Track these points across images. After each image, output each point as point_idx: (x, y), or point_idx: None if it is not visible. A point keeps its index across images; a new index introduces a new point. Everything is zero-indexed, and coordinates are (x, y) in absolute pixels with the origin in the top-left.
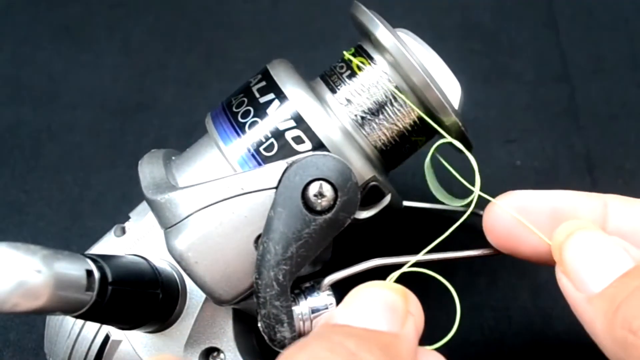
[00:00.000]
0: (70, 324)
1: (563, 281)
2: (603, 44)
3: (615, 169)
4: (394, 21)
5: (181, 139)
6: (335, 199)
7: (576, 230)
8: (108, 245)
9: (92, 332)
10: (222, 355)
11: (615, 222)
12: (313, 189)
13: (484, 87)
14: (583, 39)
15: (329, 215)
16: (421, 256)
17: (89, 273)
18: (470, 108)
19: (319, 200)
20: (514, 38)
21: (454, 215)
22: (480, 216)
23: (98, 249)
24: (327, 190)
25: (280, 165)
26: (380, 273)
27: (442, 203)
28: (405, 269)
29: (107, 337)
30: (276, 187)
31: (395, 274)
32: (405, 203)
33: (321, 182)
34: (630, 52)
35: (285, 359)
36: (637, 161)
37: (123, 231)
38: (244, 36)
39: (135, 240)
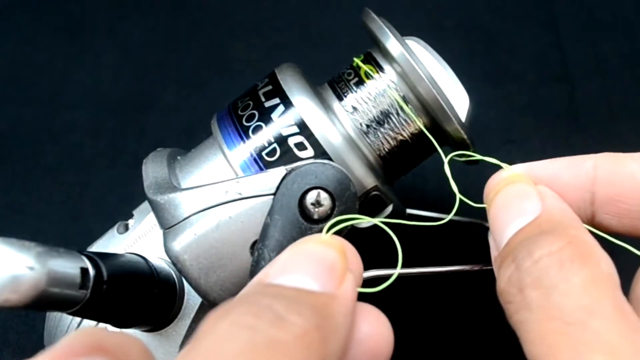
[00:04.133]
0: (69, 319)
1: (490, 242)
2: (603, 44)
3: None
4: (395, 22)
5: (181, 139)
6: (332, 209)
7: (504, 185)
8: (110, 242)
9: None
10: None
11: (603, 186)
12: (310, 198)
13: (484, 87)
14: (583, 39)
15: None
16: (413, 270)
17: (84, 271)
18: (471, 108)
19: (316, 209)
20: (514, 38)
21: (457, 223)
22: (486, 228)
23: (100, 245)
24: (325, 199)
25: (279, 171)
26: (376, 284)
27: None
28: (347, 220)
29: None
30: (274, 194)
31: (331, 225)
32: (409, 211)
33: (319, 190)
34: (630, 52)
35: (209, 326)
36: None
37: (126, 228)
38: (244, 36)
39: (137, 239)
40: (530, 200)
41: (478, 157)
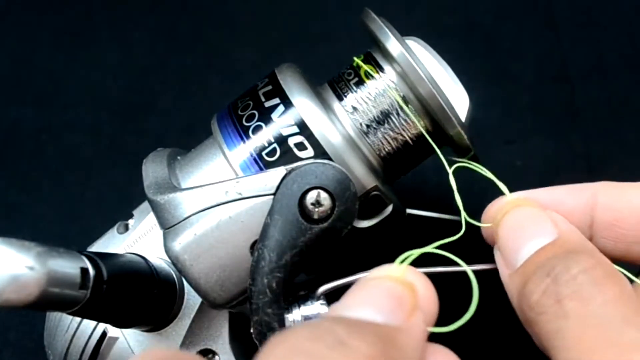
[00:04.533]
0: (68, 318)
1: (497, 259)
2: (603, 44)
3: (615, 169)
4: (395, 22)
5: (181, 139)
6: (332, 209)
7: (511, 208)
8: (110, 242)
9: (89, 327)
10: (217, 358)
11: (603, 211)
12: (310, 198)
13: (484, 88)
14: (583, 39)
15: (325, 224)
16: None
17: (84, 271)
18: (471, 108)
19: (316, 209)
20: (514, 38)
21: (458, 224)
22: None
23: (100, 245)
24: (325, 199)
25: (279, 171)
26: None
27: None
28: (417, 252)
29: (104, 334)
30: (274, 194)
31: (405, 257)
32: (409, 211)
33: (319, 190)
34: (630, 52)
35: (266, 352)
36: (637, 161)
37: (126, 228)
38: (244, 36)
39: (137, 239)
40: (545, 223)
41: (487, 173)
